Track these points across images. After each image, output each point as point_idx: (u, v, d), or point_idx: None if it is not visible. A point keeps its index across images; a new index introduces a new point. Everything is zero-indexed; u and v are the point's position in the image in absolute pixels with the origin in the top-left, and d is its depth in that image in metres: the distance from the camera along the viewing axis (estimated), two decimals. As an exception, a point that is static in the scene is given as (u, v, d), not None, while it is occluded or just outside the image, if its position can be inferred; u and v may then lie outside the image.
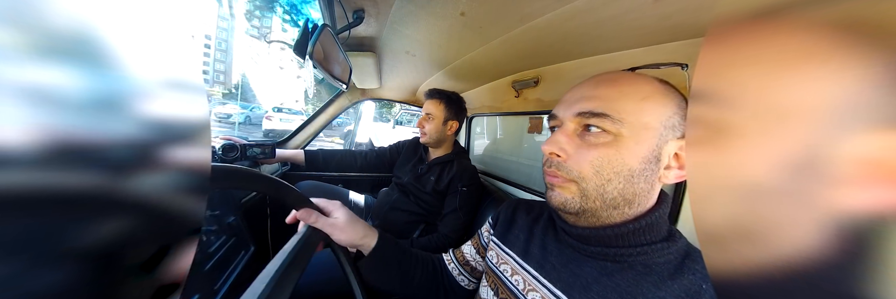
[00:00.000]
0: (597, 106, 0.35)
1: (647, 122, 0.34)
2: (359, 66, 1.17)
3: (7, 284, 0.11)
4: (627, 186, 0.35)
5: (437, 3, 0.63)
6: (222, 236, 0.81)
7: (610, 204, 0.36)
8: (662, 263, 0.36)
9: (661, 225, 0.38)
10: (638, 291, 0.35)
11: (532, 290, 0.42)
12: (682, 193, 0.63)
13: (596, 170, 0.35)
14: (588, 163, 0.35)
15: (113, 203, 0.14)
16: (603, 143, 0.35)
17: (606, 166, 0.34)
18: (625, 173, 0.34)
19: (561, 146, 0.37)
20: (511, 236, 0.52)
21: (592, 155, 0.35)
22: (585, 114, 0.36)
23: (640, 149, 0.34)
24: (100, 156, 0.13)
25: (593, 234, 0.39)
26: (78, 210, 0.12)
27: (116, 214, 0.14)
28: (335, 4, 0.70)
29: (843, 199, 0.11)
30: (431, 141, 1.17)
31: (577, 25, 0.60)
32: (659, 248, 0.36)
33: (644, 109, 0.34)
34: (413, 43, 0.90)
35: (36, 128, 0.11)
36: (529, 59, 0.88)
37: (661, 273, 0.35)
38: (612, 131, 0.34)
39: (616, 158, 0.34)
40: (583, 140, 0.36)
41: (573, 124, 0.37)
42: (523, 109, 1.19)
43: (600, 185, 0.35)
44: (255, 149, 1.13)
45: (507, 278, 0.47)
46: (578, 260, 0.41)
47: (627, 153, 0.34)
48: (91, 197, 0.13)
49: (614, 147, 0.34)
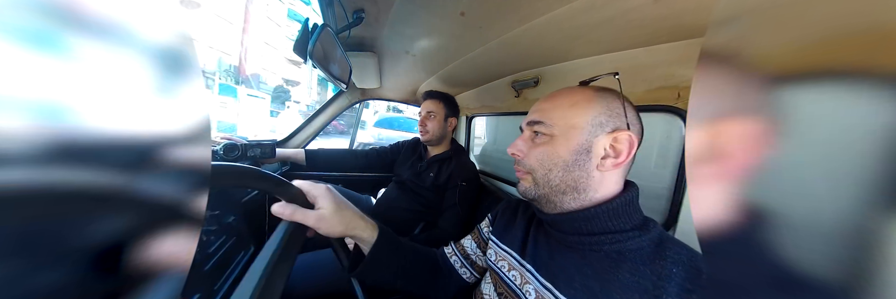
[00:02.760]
0: (537, 116, 0.46)
1: (574, 123, 0.43)
2: (359, 66, 1.17)
3: (7, 284, 0.11)
4: (566, 174, 0.43)
5: (437, 3, 0.63)
6: (222, 236, 0.81)
7: (556, 189, 0.44)
8: (635, 250, 0.40)
9: (629, 213, 0.43)
10: (614, 278, 0.39)
11: (527, 284, 0.47)
12: (682, 193, 0.63)
13: (540, 162, 0.45)
14: (535, 158, 0.46)
15: (113, 203, 0.14)
16: (543, 143, 0.45)
17: (546, 159, 0.44)
18: (560, 164, 0.43)
19: (519, 148, 0.48)
20: (509, 234, 0.56)
21: (537, 151, 0.46)
22: (531, 123, 0.47)
23: (570, 144, 0.43)
24: (100, 155, 0.13)
25: (563, 220, 0.45)
26: (78, 210, 0.12)
27: (117, 214, 0.14)
28: (335, 4, 0.70)
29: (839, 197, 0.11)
30: (434, 138, 1.21)
31: (577, 25, 0.60)
32: (631, 236, 0.41)
33: (570, 114, 0.44)
34: (413, 43, 0.90)
35: (36, 128, 0.11)
36: (529, 59, 0.88)
37: (634, 259, 0.39)
38: (547, 133, 0.45)
39: (552, 152, 0.44)
40: (533, 142, 0.47)
41: (528, 131, 0.48)
42: (523, 109, 1.19)
43: (544, 174, 0.45)
44: (255, 148, 1.13)
45: (505, 273, 0.51)
46: (562, 252, 0.46)
47: (560, 148, 0.44)
48: (91, 197, 0.13)
49: (551, 144, 0.44)
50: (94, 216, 0.13)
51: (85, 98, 0.12)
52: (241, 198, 1.00)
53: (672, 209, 0.65)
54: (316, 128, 1.66)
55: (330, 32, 0.71)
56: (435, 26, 0.75)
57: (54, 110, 0.11)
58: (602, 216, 0.42)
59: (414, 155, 1.32)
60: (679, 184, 0.64)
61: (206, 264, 0.69)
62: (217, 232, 0.80)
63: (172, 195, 0.17)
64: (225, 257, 0.77)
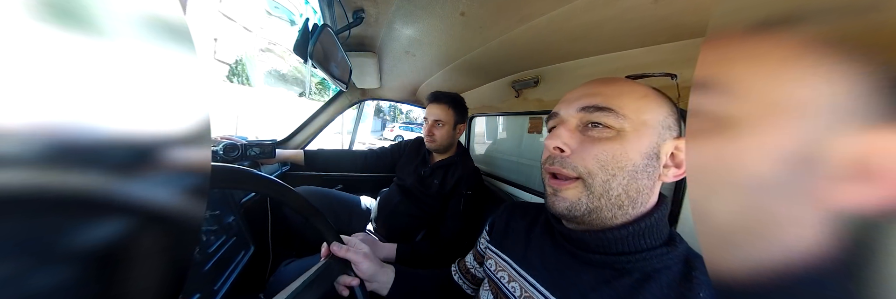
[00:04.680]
0: (600, 101, 0.36)
1: (646, 120, 0.35)
2: (359, 66, 1.17)
3: (8, 284, 0.11)
4: (631, 182, 0.35)
5: (437, 3, 0.63)
6: (222, 236, 0.81)
7: (614, 202, 0.35)
8: (661, 269, 0.35)
9: (661, 228, 0.37)
10: (634, 298, 0.34)
11: (528, 297, 0.42)
12: (681, 194, 0.63)
13: (601, 164, 0.34)
14: (593, 157, 0.35)
15: (113, 203, 0.14)
16: (607, 138, 0.35)
17: (611, 161, 0.34)
18: (629, 168, 0.34)
19: (564, 140, 0.36)
20: (508, 243, 0.52)
21: (597, 149, 0.35)
22: (589, 109, 0.36)
23: (641, 144, 0.34)
24: (100, 155, 0.13)
25: (593, 239, 0.38)
26: (78, 210, 0.12)
27: (118, 214, 0.14)
28: (335, 4, 0.70)
29: (838, 196, 0.11)
30: (441, 147, 1.12)
31: (577, 25, 0.60)
32: (658, 254, 0.36)
33: (643, 107, 0.35)
34: (413, 43, 0.90)
35: (36, 128, 0.11)
36: (529, 59, 0.88)
37: (660, 280, 0.34)
38: (615, 126, 0.35)
39: (620, 153, 0.34)
40: (585, 135, 0.36)
41: (575, 120, 0.37)
42: (523, 109, 1.19)
43: (606, 181, 0.34)
44: (255, 148, 1.12)
45: (504, 284, 0.47)
46: (576, 268, 0.40)
47: (631, 148, 0.34)
48: (91, 197, 0.13)
49: (618, 142, 0.34)
50: (94, 216, 0.13)
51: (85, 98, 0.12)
52: (241, 198, 1.00)
53: (672, 209, 0.65)
54: (316, 129, 1.65)
55: (330, 32, 0.71)
56: (435, 26, 0.75)
57: (53, 110, 0.11)
58: (637, 234, 0.36)
59: (417, 157, 1.24)
60: (679, 184, 0.64)
61: (206, 264, 0.69)
62: (217, 232, 0.80)
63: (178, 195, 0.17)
64: (225, 257, 0.77)
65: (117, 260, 0.14)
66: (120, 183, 0.14)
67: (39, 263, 0.11)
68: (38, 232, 0.11)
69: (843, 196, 0.11)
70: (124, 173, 0.14)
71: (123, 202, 0.14)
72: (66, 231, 0.12)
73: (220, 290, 0.70)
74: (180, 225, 0.18)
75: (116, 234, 0.14)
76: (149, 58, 0.15)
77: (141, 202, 0.15)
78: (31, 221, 0.11)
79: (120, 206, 0.14)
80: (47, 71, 0.11)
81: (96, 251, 0.13)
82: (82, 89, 0.12)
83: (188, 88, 0.17)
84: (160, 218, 0.16)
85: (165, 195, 0.16)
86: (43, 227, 0.11)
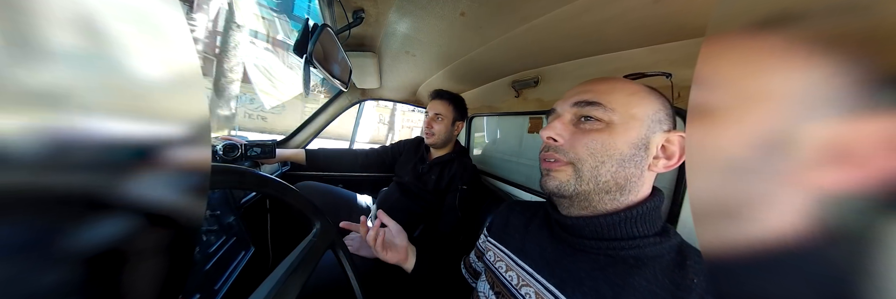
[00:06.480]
0: (591, 96, 0.40)
1: (634, 113, 0.38)
2: (359, 66, 1.17)
3: (8, 284, 0.11)
4: (619, 169, 0.38)
5: (437, 3, 0.63)
6: (222, 236, 0.81)
7: (602, 187, 0.39)
8: (654, 257, 0.37)
9: (654, 218, 0.40)
10: (629, 284, 0.36)
11: (526, 286, 0.44)
12: (681, 194, 0.63)
13: (591, 152, 0.38)
14: (583, 145, 0.39)
15: (113, 203, 0.14)
16: (596, 129, 0.39)
17: (600, 149, 0.38)
18: (617, 156, 0.38)
19: (558, 132, 0.41)
20: (507, 236, 0.55)
21: (587, 139, 0.39)
22: (581, 103, 0.40)
23: (629, 135, 0.38)
24: (100, 155, 0.13)
25: (586, 224, 0.41)
26: (78, 210, 0.12)
27: (118, 214, 0.14)
28: (335, 4, 0.70)
29: (815, 180, 0.12)
30: (439, 141, 1.16)
31: (577, 25, 0.60)
32: (651, 242, 0.38)
33: (632, 102, 0.39)
34: (413, 43, 0.90)
35: (36, 128, 0.11)
36: (529, 59, 0.88)
37: (653, 266, 0.36)
38: (604, 119, 0.39)
39: (609, 142, 0.38)
40: (578, 127, 0.40)
41: (570, 115, 0.42)
42: (523, 109, 1.19)
43: (595, 167, 0.38)
44: (255, 148, 1.12)
45: (502, 274, 0.49)
46: (572, 256, 0.42)
47: (619, 138, 0.38)
48: (91, 197, 0.13)
49: (607, 132, 0.38)
50: (94, 216, 0.13)
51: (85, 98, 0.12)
52: (241, 198, 1.00)
53: (672, 209, 0.65)
54: (316, 129, 1.65)
55: (330, 32, 0.70)
56: (435, 26, 0.75)
57: (55, 109, 0.11)
58: (629, 221, 0.39)
59: (416, 155, 1.28)
60: (679, 184, 0.64)
61: (206, 264, 0.69)
62: (217, 232, 0.80)
63: (178, 195, 0.17)
64: (225, 257, 0.77)
65: (117, 260, 0.14)
66: (120, 183, 0.14)
67: (39, 263, 0.11)
68: (38, 232, 0.11)
69: (817, 178, 0.12)
70: (124, 173, 0.14)
71: (123, 202, 0.14)
72: (66, 231, 0.12)
73: (221, 290, 0.70)
74: (180, 225, 0.18)
75: (116, 234, 0.14)
76: (149, 57, 0.15)
77: (141, 202, 0.15)
78: (31, 221, 0.11)
79: (120, 206, 0.14)
80: (47, 71, 0.11)
81: (96, 251, 0.13)
82: (82, 89, 0.12)
83: (188, 88, 0.17)
84: (160, 218, 0.16)
85: (166, 195, 0.16)
86: (43, 227, 0.11)
